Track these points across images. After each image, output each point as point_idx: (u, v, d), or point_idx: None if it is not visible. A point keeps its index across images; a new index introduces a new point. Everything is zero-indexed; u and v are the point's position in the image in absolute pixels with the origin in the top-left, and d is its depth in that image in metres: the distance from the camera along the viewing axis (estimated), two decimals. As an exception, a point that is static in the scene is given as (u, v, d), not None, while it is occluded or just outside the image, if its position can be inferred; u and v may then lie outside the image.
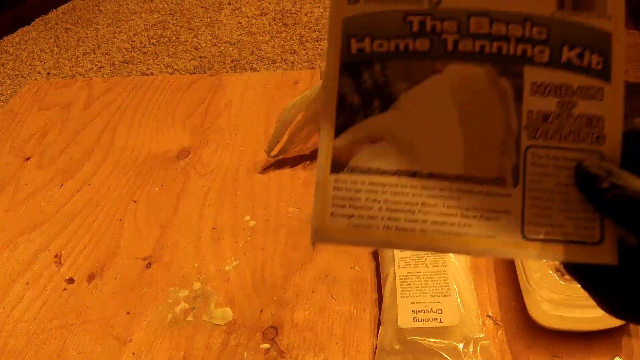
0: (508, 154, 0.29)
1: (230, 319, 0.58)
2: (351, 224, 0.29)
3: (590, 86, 0.29)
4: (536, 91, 0.29)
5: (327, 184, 0.29)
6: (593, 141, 0.29)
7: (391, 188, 0.29)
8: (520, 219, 0.29)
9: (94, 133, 0.85)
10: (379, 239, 0.29)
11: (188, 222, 0.69)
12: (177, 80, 0.94)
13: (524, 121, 0.29)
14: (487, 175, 0.29)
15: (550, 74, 0.29)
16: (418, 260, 0.56)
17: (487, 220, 0.29)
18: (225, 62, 1.50)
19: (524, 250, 0.29)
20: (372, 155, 0.29)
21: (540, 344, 0.53)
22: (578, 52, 0.29)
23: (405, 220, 0.29)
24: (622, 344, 0.52)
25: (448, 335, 0.51)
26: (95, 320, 0.60)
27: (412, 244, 0.29)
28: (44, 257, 0.67)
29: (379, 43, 0.30)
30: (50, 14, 1.86)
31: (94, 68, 1.55)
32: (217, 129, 0.83)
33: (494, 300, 0.57)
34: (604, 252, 0.29)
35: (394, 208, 0.29)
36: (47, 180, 0.78)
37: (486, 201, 0.29)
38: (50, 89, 0.96)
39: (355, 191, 0.29)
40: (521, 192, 0.29)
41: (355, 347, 0.55)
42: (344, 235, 0.29)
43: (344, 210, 0.29)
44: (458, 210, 0.29)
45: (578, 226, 0.29)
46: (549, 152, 0.29)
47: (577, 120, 0.29)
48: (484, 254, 0.29)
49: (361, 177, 0.29)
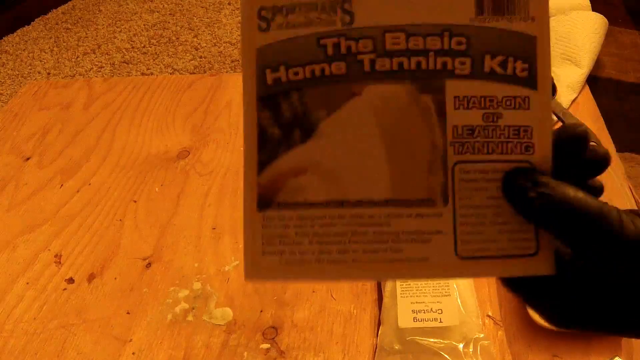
0: (435, 173, 0.28)
1: (230, 319, 0.58)
2: (283, 260, 0.28)
3: (515, 95, 0.28)
4: (459, 105, 0.28)
5: (255, 222, 0.29)
6: (522, 151, 0.28)
7: (320, 220, 0.28)
8: (453, 238, 0.28)
9: (94, 133, 0.85)
10: (312, 274, 0.28)
11: (188, 222, 0.69)
12: (177, 80, 0.94)
13: (450, 137, 0.28)
14: (416, 196, 0.28)
15: (473, 86, 0.28)
16: (418, 260, 0.56)
17: (419, 243, 0.28)
18: (225, 62, 1.50)
19: (459, 270, 0.28)
20: (298, 189, 0.28)
21: (540, 344, 0.53)
22: (501, 60, 0.28)
23: (337, 252, 0.28)
24: (622, 344, 0.52)
25: (448, 335, 0.51)
26: (95, 320, 0.60)
27: (346, 275, 0.28)
28: (44, 257, 0.67)
29: (295, 71, 0.28)
30: (50, 14, 1.86)
31: (94, 68, 1.55)
32: (217, 129, 0.83)
33: (494, 300, 0.57)
34: (540, 263, 0.28)
35: (324, 241, 0.28)
36: (47, 180, 0.78)
37: (416, 224, 0.28)
38: (50, 89, 0.96)
39: (284, 227, 0.28)
40: (452, 211, 0.28)
41: (355, 347, 0.55)
42: (277, 273, 0.28)
43: (274, 247, 0.28)
44: (388, 236, 0.28)
45: (512, 239, 0.28)
46: (477, 166, 0.28)
47: (504, 131, 0.28)
48: (419, 278, 0.28)
49: (289, 212, 0.28)
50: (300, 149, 0.29)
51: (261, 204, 0.29)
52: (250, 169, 0.29)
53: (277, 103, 0.28)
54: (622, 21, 1.49)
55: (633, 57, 1.34)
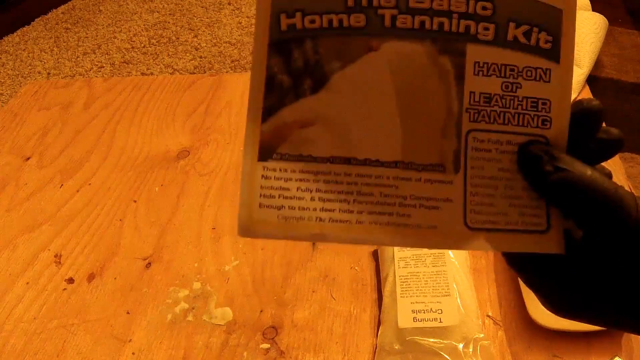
0: (448, 139, 0.27)
1: (230, 319, 0.58)
2: (281, 216, 0.26)
3: (536, 67, 0.27)
4: (479, 71, 0.27)
5: (254, 172, 0.27)
6: (539, 125, 0.27)
7: (324, 176, 0.27)
8: (463, 207, 0.27)
9: (94, 133, 0.85)
10: (311, 232, 0.27)
11: (188, 222, 0.69)
12: (177, 80, 0.94)
13: (466, 103, 0.27)
14: (427, 161, 0.27)
15: (495, 53, 0.27)
16: (418, 260, 0.56)
17: (428, 209, 0.27)
18: (225, 62, 1.50)
19: (467, 241, 0.27)
20: (304, 141, 0.27)
21: (540, 344, 0.53)
22: (525, 29, 0.27)
23: (340, 211, 0.27)
24: (622, 344, 0.52)
25: (448, 335, 0.51)
26: (95, 320, 0.60)
27: (347, 236, 0.27)
28: (44, 257, 0.67)
29: (311, 19, 0.27)
30: (50, 14, 1.86)
31: (94, 68, 1.55)
32: (217, 129, 0.83)
33: (494, 300, 0.57)
34: (550, 241, 0.27)
35: (327, 198, 0.27)
36: (47, 180, 0.78)
37: (426, 189, 0.27)
38: (50, 89, 0.96)
39: (285, 180, 0.27)
40: (462, 179, 0.27)
41: (355, 347, 0.55)
42: (274, 229, 0.27)
43: (273, 201, 0.27)
44: (396, 199, 0.27)
45: (523, 214, 0.27)
46: (492, 136, 0.27)
47: (522, 102, 0.27)
48: (426, 246, 0.27)
49: (291, 164, 0.27)
50: (310, 100, 0.27)
51: (263, 153, 0.27)
52: (254, 116, 0.27)
53: (289, 50, 0.27)
54: (622, 21, 1.49)
55: (633, 57, 1.34)
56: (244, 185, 0.27)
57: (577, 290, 0.27)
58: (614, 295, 0.27)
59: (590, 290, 0.27)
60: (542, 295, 0.29)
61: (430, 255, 0.56)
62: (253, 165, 0.27)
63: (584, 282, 0.27)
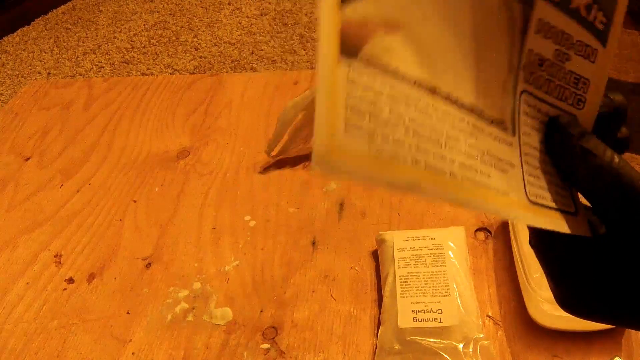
0: (508, 94, 0.25)
1: (230, 319, 0.58)
2: (374, 148, 0.18)
3: (587, 44, 0.27)
4: (540, 29, 0.25)
5: (336, 75, 0.18)
6: (574, 102, 0.27)
7: (416, 102, 0.20)
8: (522, 176, 0.24)
9: (94, 133, 0.85)
10: (407, 180, 0.19)
11: (188, 222, 0.69)
12: (177, 80, 0.94)
13: (524, 60, 0.25)
14: (493, 114, 0.24)
15: (558, 16, 0.26)
16: (418, 260, 0.56)
17: (500, 171, 0.23)
18: (225, 62, 1.50)
19: (530, 215, 0.24)
20: (389, 50, 0.20)
21: (540, 344, 0.53)
22: (588, 2, 0.26)
23: (434, 154, 0.20)
24: (622, 344, 0.52)
25: (448, 335, 0.51)
26: (95, 320, 0.60)
27: (444, 193, 0.20)
28: (44, 257, 0.67)
29: None
30: (50, 14, 1.86)
31: (94, 68, 1.55)
32: (217, 129, 0.83)
33: (494, 300, 0.57)
34: (579, 223, 0.26)
35: (422, 133, 0.20)
36: (47, 180, 0.78)
37: (496, 148, 0.23)
38: (50, 89, 0.96)
39: (375, 94, 0.19)
40: (518, 144, 0.25)
41: (355, 347, 0.55)
42: (363, 165, 0.18)
43: (362, 121, 0.18)
44: (477, 152, 0.22)
45: (558, 193, 0.26)
46: (537, 103, 0.26)
47: (567, 76, 0.27)
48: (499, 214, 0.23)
49: (380, 75, 0.19)
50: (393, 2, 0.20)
51: (347, 48, 0.18)
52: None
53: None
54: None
55: (633, 57, 1.33)
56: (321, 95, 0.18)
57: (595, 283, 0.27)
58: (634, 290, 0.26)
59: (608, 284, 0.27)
60: (556, 286, 0.28)
61: (431, 255, 0.56)
62: (333, 64, 0.18)
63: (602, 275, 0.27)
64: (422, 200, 0.68)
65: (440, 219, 0.65)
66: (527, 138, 0.25)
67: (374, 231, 0.64)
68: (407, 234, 0.59)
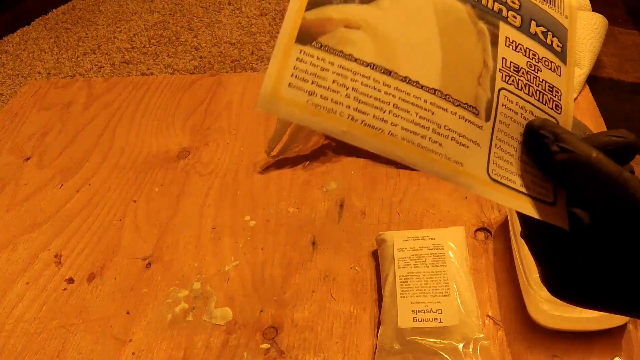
0: (483, 87, 0.28)
1: (230, 319, 0.58)
2: (311, 102, 0.25)
3: (552, 60, 0.31)
4: (509, 45, 0.30)
5: (289, 52, 0.26)
6: (553, 107, 0.30)
7: (363, 79, 0.26)
8: (487, 155, 0.28)
9: (94, 133, 0.85)
10: (340, 129, 0.26)
11: (188, 222, 0.69)
12: (177, 80, 0.94)
13: (499, 64, 0.29)
14: (463, 99, 0.28)
15: (521, 37, 0.30)
16: (418, 260, 0.56)
17: (458, 145, 0.27)
18: (225, 62, 1.50)
19: (488, 189, 0.28)
20: (346, 40, 0.26)
21: (540, 344, 0.53)
22: (543, 30, 0.31)
23: (374, 117, 0.26)
24: (622, 344, 0.52)
25: (448, 335, 0.51)
26: (95, 320, 0.60)
27: (376, 144, 0.26)
28: (44, 257, 0.67)
29: None
30: (50, 14, 1.85)
31: (94, 68, 1.55)
32: (217, 129, 0.83)
33: (494, 300, 0.57)
34: (556, 214, 0.28)
35: (363, 100, 0.26)
36: (47, 180, 0.78)
37: (460, 125, 0.27)
38: (50, 89, 0.96)
39: (322, 69, 0.26)
40: (491, 129, 0.28)
41: (355, 347, 0.55)
42: (300, 112, 0.25)
43: (305, 84, 0.25)
44: (431, 124, 0.27)
45: (534, 182, 0.28)
46: (519, 100, 0.29)
47: (542, 83, 0.30)
48: (448, 179, 0.27)
49: (331, 56, 0.26)
50: (358, 7, 0.27)
51: (302, 37, 0.26)
52: (299, 4, 0.27)
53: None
54: (622, 21, 1.49)
55: (633, 57, 1.33)
56: (274, 61, 0.26)
57: (581, 271, 0.28)
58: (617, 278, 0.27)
59: (593, 272, 0.27)
60: (549, 276, 0.29)
61: (430, 255, 0.56)
62: (289, 44, 0.26)
63: (587, 264, 0.27)
64: (422, 200, 0.68)
65: (440, 219, 0.65)
66: (505, 128, 0.28)
67: (374, 231, 0.64)
68: (407, 234, 0.59)
